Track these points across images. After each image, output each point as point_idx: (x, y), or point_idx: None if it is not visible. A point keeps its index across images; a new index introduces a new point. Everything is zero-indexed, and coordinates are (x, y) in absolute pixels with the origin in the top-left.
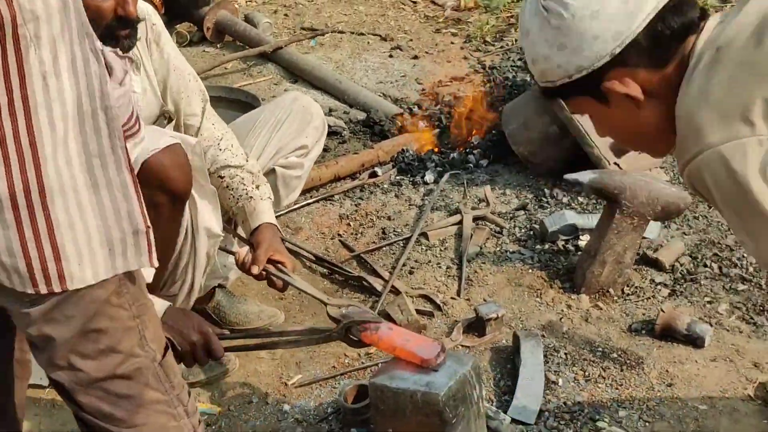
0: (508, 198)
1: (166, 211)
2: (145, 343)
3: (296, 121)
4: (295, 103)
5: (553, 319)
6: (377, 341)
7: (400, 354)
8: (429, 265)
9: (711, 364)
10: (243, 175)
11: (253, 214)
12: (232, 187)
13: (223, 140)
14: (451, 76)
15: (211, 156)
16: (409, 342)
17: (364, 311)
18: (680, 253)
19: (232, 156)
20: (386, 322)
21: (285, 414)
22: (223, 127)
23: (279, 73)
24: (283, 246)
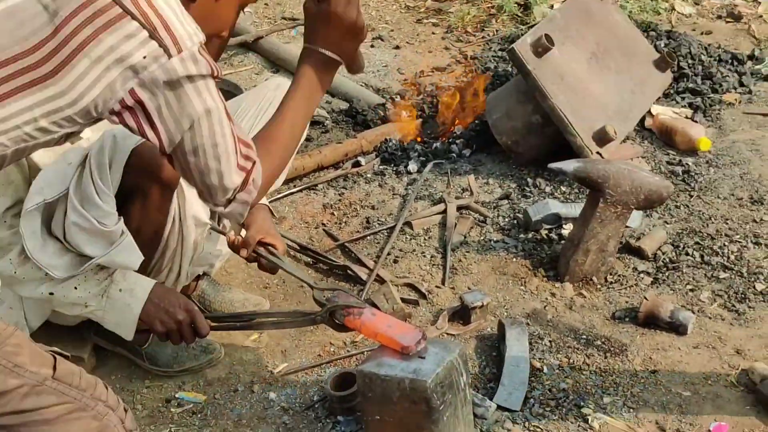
0: (491, 187)
1: (155, 199)
2: (21, 371)
3: None
4: (278, 90)
5: (537, 307)
6: (360, 326)
7: (381, 340)
8: (413, 254)
9: (694, 351)
10: None
11: None
12: None
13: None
14: (433, 66)
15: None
16: (390, 328)
17: (350, 296)
18: (662, 241)
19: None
20: (370, 307)
21: (271, 402)
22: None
23: (260, 63)
24: (275, 228)
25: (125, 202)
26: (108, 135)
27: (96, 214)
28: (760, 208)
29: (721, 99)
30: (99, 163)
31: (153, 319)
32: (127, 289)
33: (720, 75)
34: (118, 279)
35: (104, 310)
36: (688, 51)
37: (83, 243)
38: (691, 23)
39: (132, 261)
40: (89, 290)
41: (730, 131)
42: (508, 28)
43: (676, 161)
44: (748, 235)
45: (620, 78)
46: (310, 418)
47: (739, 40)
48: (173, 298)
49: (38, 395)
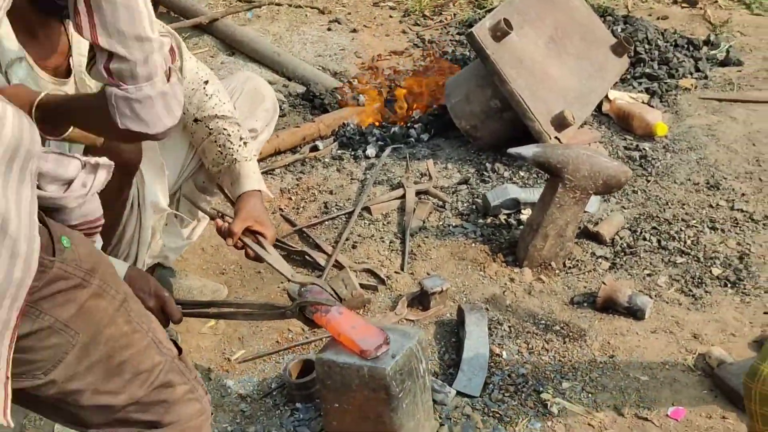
0: (450, 172)
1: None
2: (162, 347)
3: (247, 102)
4: (247, 83)
5: (496, 292)
6: (326, 324)
7: (342, 340)
8: (372, 239)
9: (651, 335)
10: (231, 130)
11: (238, 180)
12: (219, 144)
13: (210, 84)
14: (391, 50)
15: (198, 101)
16: (354, 330)
17: (322, 291)
18: (620, 226)
19: (220, 103)
20: (339, 305)
21: (228, 389)
22: (208, 70)
23: (215, 46)
24: (265, 215)
25: None
26: None
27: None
28: (716, 193)
29: (677, 84)
30: (59, 144)
31: None
32: None
33: (676, 60)
34: None
35: None
36: (644, 36)
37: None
38: (647, 8)
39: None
40: None
41: (687, 116)
42: (466, 12)
43: (634, 146)
44: (704, 220)
45: (578, 63)
46: (268, 405)
47: (694, 26)
48: (144, 283)
49: (171, 373)
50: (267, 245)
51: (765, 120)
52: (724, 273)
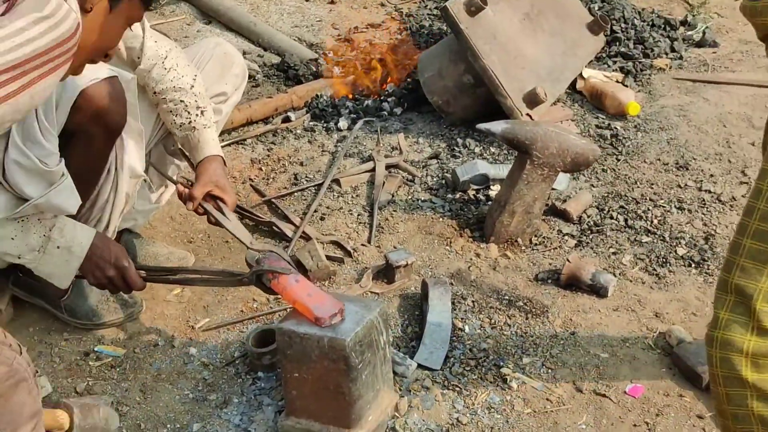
0: (420, 146)
1: (98, 143)
2: None
3: (217, 67)
4: (216, 48)
5: (461, 267)
6: (281, 291)
7: (297, 307)
8: (340, 211)
9: (613, 313)
10: (187, 101)
11: (197, 147)
12: (174, 113)
13: (167, 59)
14: (368, 23)
15: (156, 75)
16: (309, 297)
17: (280, 259)
18: (588, 204)
19: (178, 76)
20: (296, 273)
21: (191, 357)
22: (168, 44)
23: (192, 13)
24: (226, 180)
25: (67, 144)
26: None
27: (38, 153)
28: (684, 173)
29: (651, 64)
30: (45, 102)
31: (86, 272)
32: (65, 247)
33: (652, 40)
34: (55, 236)
35: (38, 263)
36: (621, 15)
37: (22, 182)
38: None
39: (70, 205)
40: (27, 243)
41: (660, 96)
42: None
43: (605, 125)
44: (672, 200)
45: (553, 40)
46: (230, 373)
47: (672, 6)
48: (106, 252)
49: None
50: (227, 211)
51: (737, 102)
52: (689, 253)
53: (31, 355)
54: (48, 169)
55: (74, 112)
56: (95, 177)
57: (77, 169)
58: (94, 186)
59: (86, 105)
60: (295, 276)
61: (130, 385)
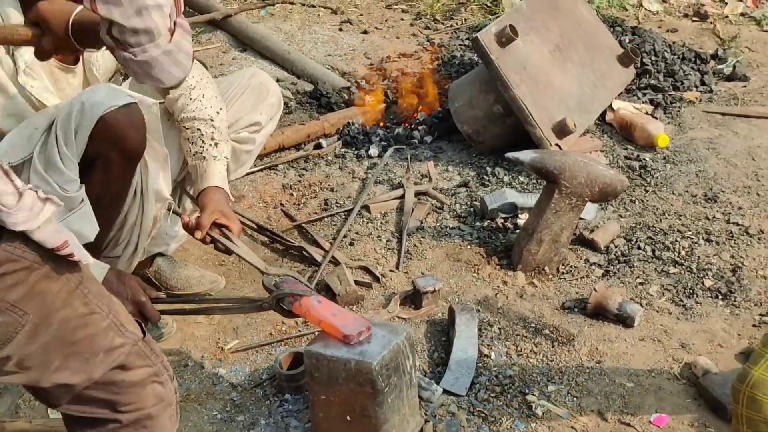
0: (450, 174)
1: (117, 169)
2: (124, 329)
3: (252, 96)
4: (253, 78)
5: (488, 294)
6: (305, 313)
7: (323, 327)
8: (369, 237)
9: (639, 343)
10: (204, 130)
11: (203, 176)
12: (191, 141)
13: (195, 89)
14: (400, 52)
15: (181, 104)
16: (335, 316)
17: (298, 282)
18: (615, 234)
19: (201, 107)
20: (316, 294)
21: (220, 378)
22: (199, 75)
23: (228, 41)
24: (230, 208)
25: (88, 170)
26: (76, 101)
27: (58, 179)
28: (713, 205)
29: (681, 96)
30: (65, 129)
31: None
32: None
33: (682, 73)
34: None
35: None
36: (652, 48)
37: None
38: (658, 20)
39: (87, 231)
40: None
41: (689, 129)
42: (477, 18)
43: (634, 156)
44: (699, 232)
45: (583, 71)
46: (258, 395)
47: (703, 39)
48: (122, 288)
49: (131, 356)
50: (234, 238)
51: (767, 136)
52: (716, 285)
53: None
54: (68, 195)
55: (93, 139)
56: (118, 202)
57: (99, 195)
58: (118, 210)
59: (105, 132)
60: (317, 297)
61: None
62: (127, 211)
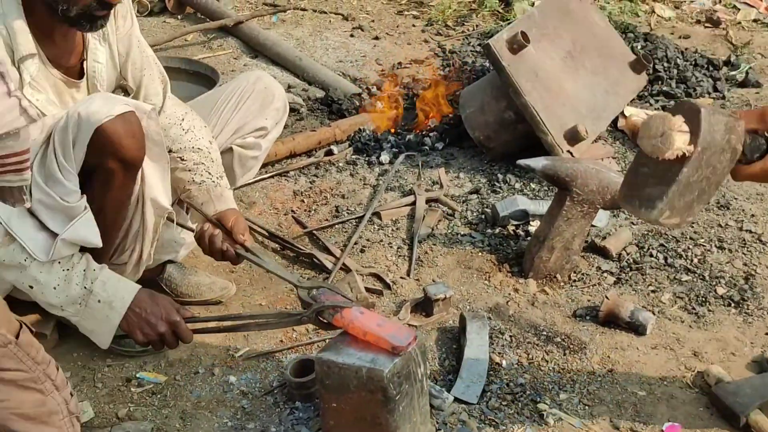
0: (461, 181)
1: (118, 177)
2: None
3: (257, 101)
4: (257, 83)
5: (500, 301)
6: (347, 325)
7: (369, 339)
8: (380, 244)
9: (652, 351)
10: (207, 164)
11: (221, 199)
12: (196, 172)
13: (185, 120)
14: (411, 59)
15: (174, 135)
16: (380, 327)
17: (335, 294)
18: (627, 242)
19: (195, 138)
20: (358, 305)
21: (231, 385)
22: (185, 108)
23: (239, 48)
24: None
25: (89, 180)
26: (72, 113)
27: (59, 191)
28: (725, 213)
29: None
30: (62, 141)
31: (134, 328)
32: (106, 301)
33: (695, 79)
34: (97, 289)
35: (81, 317)
36: (664, 54)
37: (46, 219)
38: (670, 27)
39: (93, 237)
40: (68, 294)
41: None
42: (488, 24)
43: None
44: (712, 239)
45: (595, 78)
46: (268, 402)
47: (716, 46)
48: (155, 308)
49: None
50: (261, 253)
51: None
52: (729, 293)
53: (74, 381)
54: (69, 205)
55: (91, 150)
56: (121, 209)
57: (101, 204)
58: (122, 217)
59: (102, 142)
60: (358, 308)
61: (170, 412)
62: (131, 218)
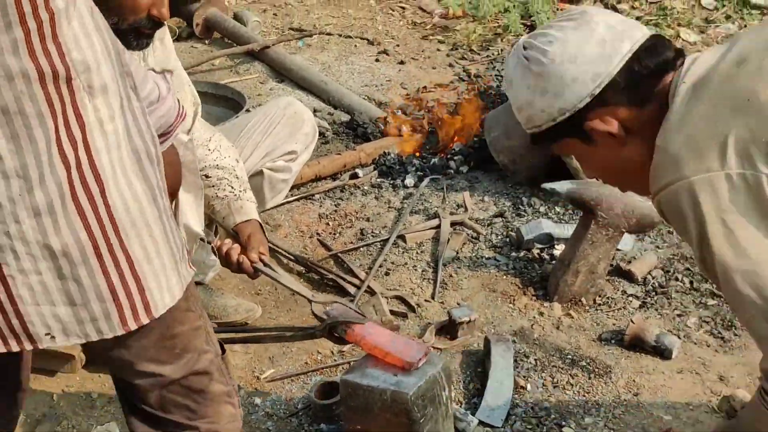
0: (486, 205)
1: None
2: (210, 339)
3: (287, 126)
4: (288, 108)
5: (524, 325)
6: (360, 340)
7: (381, 354)
8: (405, 267)
9: (677, 375)
10: (230, 179)
11: (240, 211)
12: (219, 187)
13: (212, 141)
14: (436, 83)
15: (200, 155)
16: (392, 343)
17: (348, 309)
18: (653, 266)
19: (221, 157)
20: (370, 321)
21: (256, 407)
22: (212, 130)
23: (265, 72)
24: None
25: None
26: None
27: None
28: None
29: None
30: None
31: None
32: None
33: None
34: None
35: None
36: None
37: None
38: (696, 51)
39: None
40: None
41: None
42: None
43: None
44: None
45: None
46: (293, 425)
47: None
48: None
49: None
50: (277, 267)
51: None
52: None
53: (101, 401)
54: None
55: None
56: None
57: None
58: None
59: None
60: (370, 324)
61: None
62: None
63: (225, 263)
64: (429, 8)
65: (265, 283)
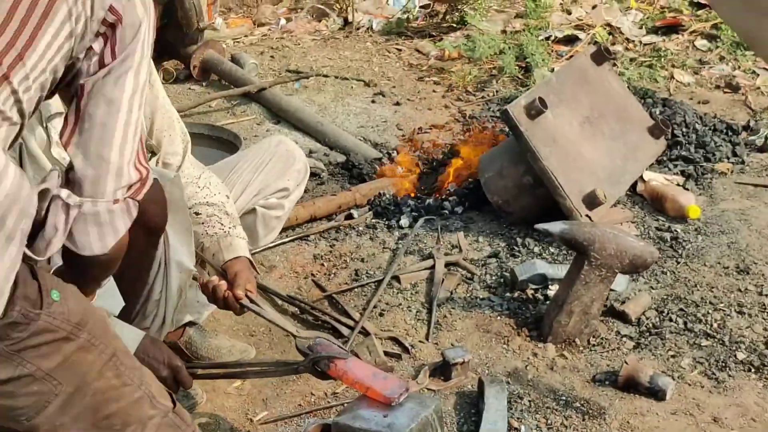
0: (480, 245)
1: (139, 243)
2: (156, 402)
3: (279, 163)
4: (279, 146)
5: (518, 366)
6: (342, 375)
7: (361, 389)
8: (399, 308)
9: (671, 417)
10: (220, 216)
11: (229, 248)
12: (208, 224)
13: (201, 178)
14: (432, 124)
15: (190, 192)
16: (373, 378)
17: (332, 344)
18: (647, 306)
19: (210, 194)
20: (353, 357)
21: None
22: (201, 167)
23: (262, 114)
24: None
25: None
26: None
27: None
28: (745, 277)
29: (713, 168)
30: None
31: None
32: None
33: (714, 144)
34: None
35: None
36: (683, 119)
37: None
38: (689, 92)
39: (112, 305)
40: None
41: (721, 200)
42: (508, 89)
43: (665, 227)
44: (732, 304)
45: (613, 143)
46: None
47: (735, 111)
48: (158, 353)
49: (163, 427)
50: (263, 303)
51: None
52: (749, 358)
53: None
54: None
55: None
56: (142, 275)
57: (123, 269)
58: (143, 283)
59: None
60: (354, 359)
61: None
62: (152, 283)
63: (212, 300)
64: (425, 50)
65: (259, 324)
